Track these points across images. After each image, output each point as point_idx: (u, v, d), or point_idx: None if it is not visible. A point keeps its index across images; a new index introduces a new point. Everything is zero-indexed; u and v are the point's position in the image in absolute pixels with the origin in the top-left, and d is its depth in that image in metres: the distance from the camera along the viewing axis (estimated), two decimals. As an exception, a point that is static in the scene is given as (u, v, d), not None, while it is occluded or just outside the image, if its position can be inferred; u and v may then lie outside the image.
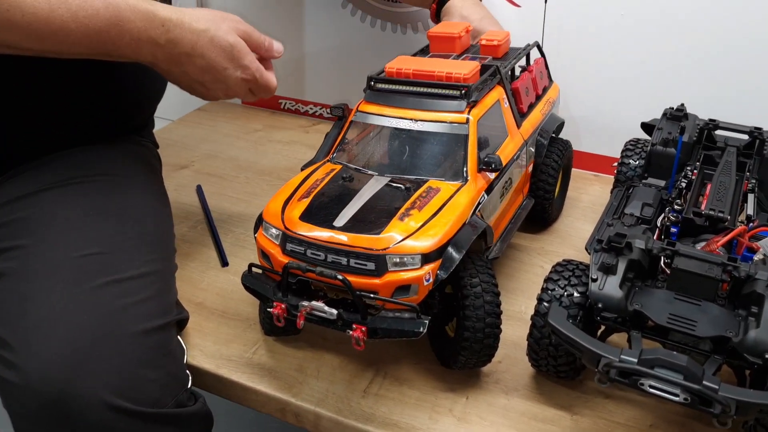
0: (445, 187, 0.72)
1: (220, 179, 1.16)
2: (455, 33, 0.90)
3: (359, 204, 0.69)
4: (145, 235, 0.78)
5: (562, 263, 0.72)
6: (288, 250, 0.68)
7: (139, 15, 0.70)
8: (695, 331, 0.62)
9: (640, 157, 0.95)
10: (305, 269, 0.66)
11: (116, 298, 0.68)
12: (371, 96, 0.79)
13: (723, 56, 1.02)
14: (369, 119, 0.78)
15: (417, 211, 0.68)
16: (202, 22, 0.74)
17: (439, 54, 0.89)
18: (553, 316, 0.65)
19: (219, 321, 0.84)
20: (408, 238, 0.65)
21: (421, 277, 0.65)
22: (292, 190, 0.73)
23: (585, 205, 1.08)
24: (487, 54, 0.90)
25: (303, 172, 0.77)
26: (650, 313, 0.63)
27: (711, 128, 0.93)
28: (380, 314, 0.66)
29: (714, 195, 0.78)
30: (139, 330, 0.67)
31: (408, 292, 0.65)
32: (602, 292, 0.65)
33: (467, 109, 0.75)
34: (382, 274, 0.65)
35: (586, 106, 1.15)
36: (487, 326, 0.68)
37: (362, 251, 0.65)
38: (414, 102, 0.76)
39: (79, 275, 0.68)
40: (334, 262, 0.66)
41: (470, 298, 0.68)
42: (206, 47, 0.74)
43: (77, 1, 0.66)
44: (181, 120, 1.38)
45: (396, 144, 0.77)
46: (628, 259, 0.66)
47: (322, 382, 0.75)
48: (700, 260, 0.65)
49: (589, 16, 1.07)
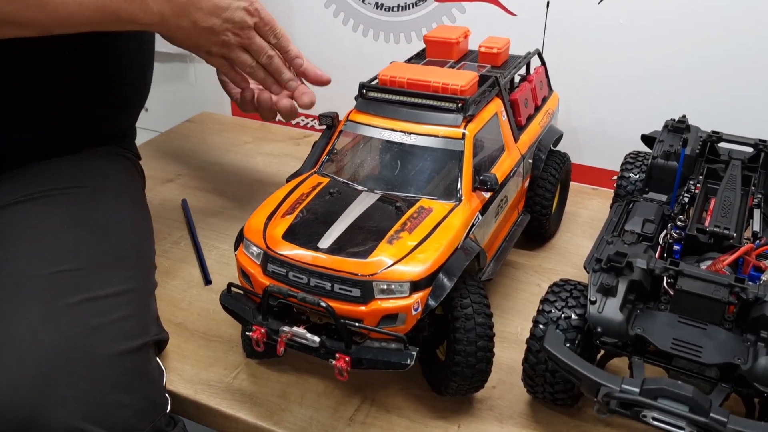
0: (438, 207, 0.68)
1: (206, 193, 1.12)
2: (453, 38, 0.86)
3: (346, 223, 0.66)
4: (122, 250, 0.75)
5: (559, 283, 0.68)
6: (269, 271, 0.65)
7: None
8: (701, 358, 0.58)
9: (640, 170, 0.92)
10: (287, 294, 0.62)
11: (90, 317, 0.64)
12: (363, 105, 0.75)
13: (725, 66, 0.98)
14: (359, 129, 0.74)
15: (407, 233, 0.64)
16: None
17: (436, 60, 0.86)
18: (550, 341, 0.61)
19: (199, 343, 0.80)
20: (397, 264, 0.61)
21: (409, 306, 0.61)
22: (276, 205, 0.69)
23: (584, 220, 1.04)
24: (486, 62, 0.87)
25: (288, 185, 0.73)
26: (653, 338, 0.60)
27: (714, 140, 0.89)
28: (365, 343, 0.62)
29: (718, 211, 0.74)
30: (114, 351, 0.63)
31: (395, 321, 0.62)
32: (601, 315, 0.61)
33: (463, 123, 0.71)
34: (369, 301, 0.61)
35: (585, 118, 1.11)
36: (478, 350, 0.64)
37: (348, 276, 0.61)
38: (408, 113, 0.72)
39: (51, 292, 0.65)
40: (318, 286, 0.62)
41: (461, 320, 0.64)
42: None
43: None
44: (169, 132, 1.35)
45: (387, 157, 0.73)
46: (628, 280, 0.62)
47: (306, 410, 0.70)
48: (705, 281, 0.62)
49: (588, 26, 1.04)
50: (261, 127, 1.38)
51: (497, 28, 1.08)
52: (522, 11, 1.08)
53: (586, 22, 1.04)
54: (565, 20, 1.05)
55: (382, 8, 1.19)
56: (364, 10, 1.20)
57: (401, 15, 1.18)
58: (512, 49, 0.92)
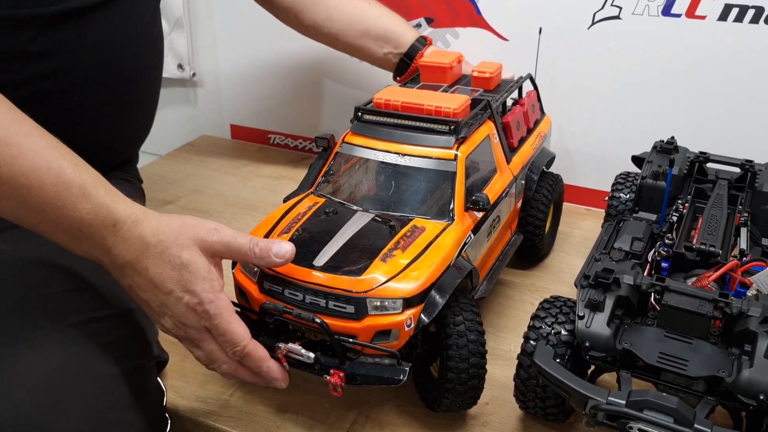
0: (431, 226, 0.70)
1: (206, 214, 1.14)
2: (446, 63, 0.88)
3: (341, 242, 0.67)
4: None
5: (550, 300, 0.69)
6: (265, 289, 0.66)
7: (89, 205, 0.59)
8: (687, 371, 0.59)
9: (630, 190, 0.94)
10: (282, 311, 0.63)
11: (96, 336, 0.65)
12: (358, 127, 0.77)
13: (713, 89, 1.01)
14: (355, 151, 0.76)
15: (400, 251, 0.66)
16: (161, 232, 0.60)
17: (430, 84, 0.88)
18: (539, 356, 0.63)
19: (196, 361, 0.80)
20: (390, 281, 0.63)
21: (402, 323, 0.62)
22: (273, 224, 0.71)
23: (577, 240, 1.06)
24: (479, 86, 0.89)
25: (285, 205, 0.75)
26: (640, 352, 0.61)
27: (702, 161, 0.91)
28: (359, 359, 0.63)
29: (705, 229, 0.76)
30: (117, 371, 0.64)
31: (388, 337, 0.63)
32: (589, 330, 0.62)
33: (456, 145, 0.73)
34: (362, 317, 0.62)
35: (577, 140, 1.13)
36: (471, 367, 0.65)
37: (342, 293, 0.62)
38: (402, 136, 0.74)
39: (56, 313, 0.66)
40: (313, 303, 0.64)
41: (453, 338, 0.65)
42: (153, 261, 0.60)
43: (24, 164, 0.56)
44: (169, 155, 1.37)
45: (382, 178, 0.75)
46: (616, 296, 0.64)
47: (302, 426, 0.72)
48: (690, 296, 0.63)
49: (579, 50, 1.06)
50: (259, 150, 1.40)
51: (490, 52, 1.11)
52: (514, 37, 1.11)
53: (576, 46, 1.06)
54: (556, 45, 1.08)
55: (378, 34, 1.22)
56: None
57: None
58: (505, 74, 0.95)
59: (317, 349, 0.64)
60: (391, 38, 1.02)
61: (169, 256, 0.60)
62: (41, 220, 0.59)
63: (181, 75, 1.40)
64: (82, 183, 0.59)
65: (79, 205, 0.58)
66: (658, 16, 1.00)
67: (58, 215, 0.58)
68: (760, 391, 0.56)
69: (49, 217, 0.58)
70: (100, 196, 0.60)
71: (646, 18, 1.01)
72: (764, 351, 0.57)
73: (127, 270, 0.61)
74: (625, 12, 1.01)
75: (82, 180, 0.59)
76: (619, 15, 1.02)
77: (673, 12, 0.99)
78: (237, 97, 1.42)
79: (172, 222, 0.61)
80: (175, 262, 0.60)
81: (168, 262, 0.60)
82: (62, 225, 0.59)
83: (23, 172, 0.57)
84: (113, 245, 0.60)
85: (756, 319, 0.59)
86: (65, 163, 0.59)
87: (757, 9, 0.94)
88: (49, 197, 0.57)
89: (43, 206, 0.58)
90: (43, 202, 0.58)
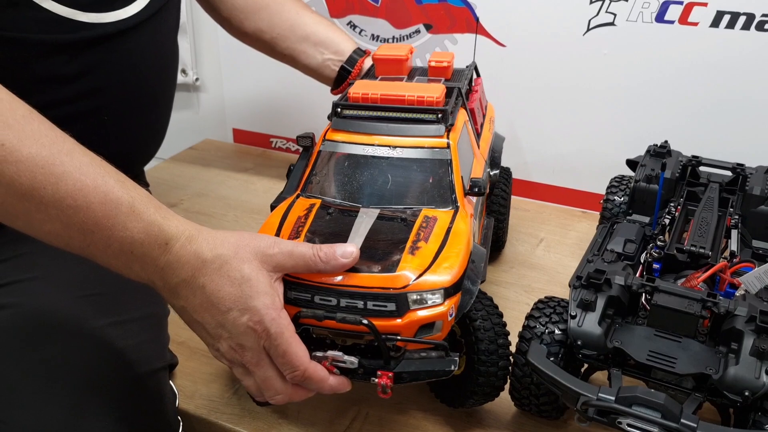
0: (441, 214, 0.69)
1: (209, 218, 1.16)
2: (402, 55, 0.86)
3: (359, 240, 0.65)
4: None
5: (544, 300, 0.71)
6: (290, 298, 0.62)
7: (140, 223, 0.56)
8: (675, 369, 0.61)
9: (624, 193, 0.95)
10: (322, 317, 0.60)
11: (118, 339, 0.66)
12: (338, 123, 0.75)
13: (707, 95, 1.03)
14: (339, 148, 0.73)
15: (424, 242, 0.64)
16: (219, 246, 0.58)
17: (388, 77, 0.86)
18: (533, 354, 0.64)
19: (201, 360, 0.83)
20: (426, 273, 0.61)
21: (445, 313, 0.61)
22: (275, 231, 0.68)
23: (572, 242, 1.08)
24: (437, 75, 0.86)
25: (277, 211, 0.71)
26: (630, 350, 0.63)
27: (694, 165, 0.93)
28: (406, 356, 0.62)
29: (696, 231, 0.78)
30: (138, 373, 0.66)
31: (432, 330, 0.62)
32: (581, 329, 0.64)
33: (446, 133, 0.73)
34: (404, 313, 0.61)
35: (573, 143, 1.15)
36: (500, 369, 0.68)
37: (380, 292, 0.60)
38: (389, 128, 0.73)
39: (81, 316, 0.67)
40: (349, 306, 0.61)
41: (484, 343, 0.66)
42: (210, 278, 0.58)
43: (69, 184, 0.54)
44: (172, 159, 1.39)
45: (375, 173, 0.73)
46: (607, 296, 0.66)
47: (303, 423, 0.74)
48: (679, 296, 0.65)
49: (574, 56, 1.08)
50: (262, 153, 1.43)
51: (488, 58, 1.12)
52: (510, 42, 1.13)
53: (572, 52, 1.08)
54: (552, 51, 1.10)
55: (378, 39, 1.24)
56: (360, 41, 1.26)
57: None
58: (505, 76, 0.95)
59: (355, 354, 0.63)
60: (330, 45, 1.01)
61: (228, 270, 0.57)
62: (90, 242, 0.56)
63: (185, 80, 1.43)
64: (131, 201, 0.56)
65: (129, 224, 0.56)
66: (652, 22, 1.02)
67: (108, 236, 0.56)
68: (745, 387, 0.58)
69: (98, 239, 0.56)
70: (150, 214, 0.57)
71: (640, 24, 1.03)
72: (749, 349, 0.59)
73: (181, 290, 0.58)
74: (619, 18, 1.04)
75: (131, 197, 0.57)
76: (613, 21, 1.04)
77: (667, 18, 1.01)
78: (239, 101, 1.44)
79: (230, 236, 0.59)
80: (235, 277, 0.57)
81: (227, 278, 0.57)
82: (112, 247, 0.56)
83: (69, 193, 0.54)
84: (166, 265, 0.57)
85: (742, 318, 0.61)
86: (112, 181, 0.56)
87: (748, 16, 0.96)
88: (97, 217, 0.55)
89: (92, 227, 0.55)
90: (92, 223, 0.55)
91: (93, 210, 0.55)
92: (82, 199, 0.54)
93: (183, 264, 0.58)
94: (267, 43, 1.04)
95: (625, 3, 1.02)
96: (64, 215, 0.54)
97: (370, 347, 0.63)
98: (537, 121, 1.16)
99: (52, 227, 0.55)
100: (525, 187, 1.21)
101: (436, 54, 0.88)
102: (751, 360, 0.59)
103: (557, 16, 1.07)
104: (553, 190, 1.20)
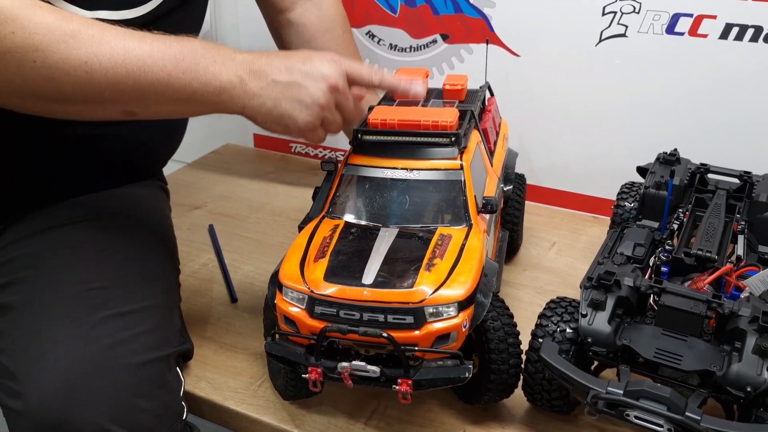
0: (455, 233, 0.73)
1: (232, 219, 1.20)
2: (419, 80, 0.88)
3: (380, 258, 0.69)
4: (147, 270, 0.82)
5: (556, 300, 0.75)
6: (317, 313, 0.67)
7: (212, 48, 0.71)
8: (681, 365, 0.64)
9: (634, 199, 0.99)
10: (346, 331, 0.65)
11: (116, 331, 0.71)
12: (359, 148, 0.79)
13: (715, 105, 1.05)
14: (361, 171, 0.78)
15: (440, 259, 0.69)
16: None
17: (405, 100, 0.88)
18: (545, 351, 0.68)
19: (227, 354, 0.87)
20: (441, 288, 0.66)
21: (459, 325, 0.66)
22: (303, 251, 0.72)
23: (583, 245, 1.11)
24: (451, 98, 0.91)
25: (305, 232, 0.76)
26: (638, 347, 0.66)
27: (702, 172, 0.96)
28: (424, 365, 0.67)
29: (703, 235, 0.81)
30: (137, 362, 0.70)
31: (447, 340, 0.67)
32: (591, 327, 0.67)
33: (459, 155, 0.77)
34: (421, 325, 0.65)
35: (585, 150, 1.18)
36: (511, 367, 0.71)
37: (400, 306, 0.65)
38: (406, 152, 0.77)
39: (82, 309, 0.72)
40: (371, 320, 0.65)
41: (494, 342, 0.70)
42: (283, 54, 0.76)
43: (150, 43, 0.67)
44: (196, 162, 1.44)
45: (394, 194, 0.77)
46: (616, 296, 0.69)
47: (324, 414, 0.77)
48: (686, 297, 0.68)
49: (586, 65, 1.12)
50: (282, 158, 1.47)
51: (502, 66, 1.16)
52: (524, 52, 1.16)
53: (584, 62, 1.12)
54: (565, 60, 1.13)
55: (396, 49, 1.28)
56: (379, 50, 1.29)
57: (413, 56, 1.27)
58: (519, 85, 0.97)
59: (377, 363, 0.67)
60: None
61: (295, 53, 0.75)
62: (185, 67, 0.68)
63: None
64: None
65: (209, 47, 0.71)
66: (662, 34, 1.05)
67: (196, 58, 0.69)
68: (747, 384, 0.61)
69: (189, 62, 0.68)
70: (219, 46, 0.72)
71: (651, 36, 1.06)
72: (752, 347, 0.62)
73: (262, 66, 0.72)
74: (630, 30, 1.07)
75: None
76: (625, 33, 1.07)
77: (677, 30, 1.04)
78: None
79: None
80: (301, 55, 0.74)
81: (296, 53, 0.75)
82: (206, 58, 0.69)
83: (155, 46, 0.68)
84: (243, 60, 0.71)
85: (746, 318, 0.65)
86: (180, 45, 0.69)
87: (756, 28, 0.99)
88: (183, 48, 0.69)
89: (181, 55, 0.68)
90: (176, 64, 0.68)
91: (174, 47, 0.68)
92: (165, 45, 0.68)
93: (255, 55, 0.72)
94: (303, 39, 1.07)
95: (637, 15, 1.05)
96: (158, 58, 0.67)
97: (391, 356, 0.68)
98: (549, 129, 1.19)
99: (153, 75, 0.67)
100: (537, 192, 1.24)
101: (450, 77, 0.92)
102: (754, 358, 0.62)
103: (570, 27, 1.10)
104: (565, 196, 1.23)
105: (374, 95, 1.03)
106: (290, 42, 1.06)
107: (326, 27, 1.05)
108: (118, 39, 0.66)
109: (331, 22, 1.06)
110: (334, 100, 0.75)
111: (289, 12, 1.04)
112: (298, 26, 1.05)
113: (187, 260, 1.06)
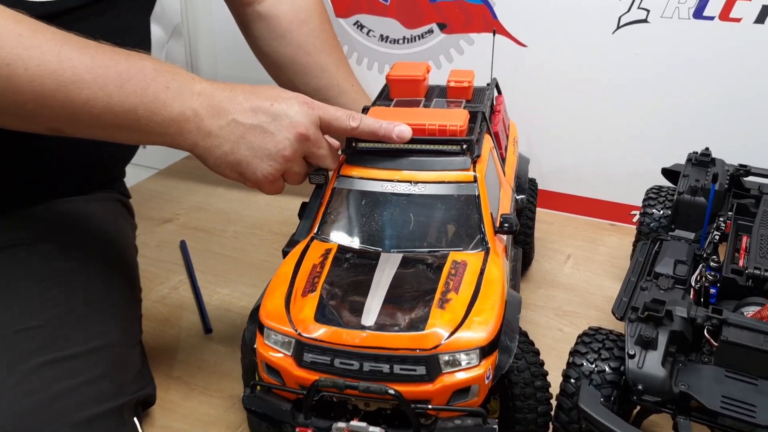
0: (470, 258, 0.61)
1: (206, 234, 1.08)
2: (419, 75, 0.79)
3: (382, 293, 0.57)
4: (95, 303, 0.69)
5: (590, 332, 0.63)
6: (307, 362, 0.55)
7: (167, 71, 0.62)
8: (755, 419, 0.52)
9: (664, 206, 0.87)
10: (343, 386, 0.53)
11: (55, 381, 0.59)
12: (353, 157, 0.68)
13: (750, 97, 0.95)
14: (355, 185, 0.66)
15: (454, 293, 0.57)
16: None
17: (404, 100, 0.79)
18: (585, 400, 0.56)
19: (199, 399, 0.74)
20: (458, 331, 0.54)
21: (482, 376, 0.53)
22: (289, 282, 0.60)
23: (603, 258, 1.00)
24: (457, 97, 0.79)
25: (291, 257, 0.64)
26: (700, 396, 0.54)
27: (742, 174, 0.85)
28: (438, 425, 0.54)
29: (756, 251, 0.70)
30: (80, 419, 0.59)
31: (467, 395, 0.54)
32: (642, 371, 0.55)
33: (472, 165, 0.65)
34: (435, 377, 0.53)
35: (598, 150, 1.08)
36: (539, 416, 0.59)
37: (408, 353, 0.53)
38: (409, 162, 0.66)
39: (12, 355, 0.60)
40: (373, 370, 0.54)
41: (519, 387, 0.58)
42: (248, 88, 0.65)
43: (93, 55, 0.58)
44: (167, 169, 1.31)
45: (395, 212, 0.66)
46: (669, 331, 0.57)
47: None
48: (752, 330, 0.56)
49: (602, 55, 1.01)
50: (262, 163, 1.34)
51: (507, 59, 1.05)
52: (532, 42, 1.05)
53: (599, 52, 1.01)
54: (577, 51, 1.02)
55: (387, 41, 1.16)
56: (368, 42, 1.18)
57: (407, 48, 1.15)
58: (526, 79, 0.88)
59: (380, 421, 0.55)
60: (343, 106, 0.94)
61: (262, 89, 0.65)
62: (129, 91, 0.59)
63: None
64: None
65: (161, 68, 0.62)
66: (689, 18, 0.94)
67: (143, 81, 0.60)
68: (843, 444, 0.49)
69: (135, 84, 0.59)
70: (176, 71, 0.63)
71: (676, 21, 0.95)
72: None
73: (224, 103, 0.63)
74: (653, 15, 0.96)
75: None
76: (646, 18, 0.96)
77: (706, 14, 0.93)
78: (238, 107, 1.36)
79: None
80: (268, 93, 0.65)
81: (263, 88, 0.65)
82: (158, 83, 0.60)
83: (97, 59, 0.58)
84: (201, 91, 0.62)
85: (831, 358, 0.53)
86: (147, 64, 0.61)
87: (797, 11, 0.88)
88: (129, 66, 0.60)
89: (128, 76, 0.59)
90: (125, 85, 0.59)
91: (120, 64, 0.59)
92: (110, 58, 0.59)
93: (217, 87, 0.64)
94: (285, 71, 0.96)
95: (660, -3, 0.95)
96: (97, 76, 0.58)
97: (397, 412, 0.55)
98: (561, 127, 1.09)
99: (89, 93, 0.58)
100: (548, 197, 1.13)
101: (455, 73, 0.80)
102: None
103: (583, 12, 1.00)
104: (579, 201, 1.12)
105: (365, 98, 0.92)
106: (261, 38, 0.95)
107: (301, 18, 0.94)
108: (52, 44, 0.56)
109: (306, 13, 0.94)
110: (302, 151, 0.66)
111: (258, 3, 0.93)
112: (269, 19, 0.93)
113: (155, 284, 0.93)
